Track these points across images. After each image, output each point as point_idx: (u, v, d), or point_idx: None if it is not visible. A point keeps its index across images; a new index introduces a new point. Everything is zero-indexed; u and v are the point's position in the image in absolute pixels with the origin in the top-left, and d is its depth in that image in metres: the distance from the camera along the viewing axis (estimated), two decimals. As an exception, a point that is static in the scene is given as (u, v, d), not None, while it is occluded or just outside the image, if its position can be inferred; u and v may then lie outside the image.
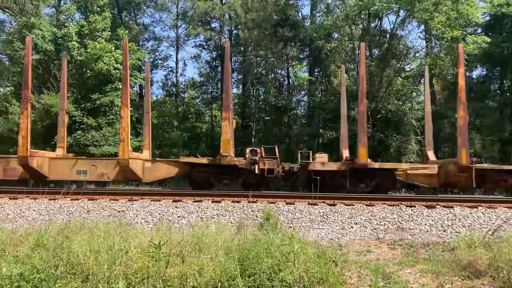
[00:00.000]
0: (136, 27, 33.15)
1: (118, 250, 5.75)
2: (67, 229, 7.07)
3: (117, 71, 23.91)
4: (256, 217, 9.70)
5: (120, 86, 21.72)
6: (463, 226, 9.34)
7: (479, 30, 26.98)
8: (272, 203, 10.82)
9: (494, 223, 9.32)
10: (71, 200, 11.23)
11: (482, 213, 10.08)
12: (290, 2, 29.10)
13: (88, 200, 11.19)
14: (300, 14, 30.29)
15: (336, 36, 27.80)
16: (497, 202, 11.23)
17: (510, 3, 24.51)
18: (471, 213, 10.06)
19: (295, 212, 10.08)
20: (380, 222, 9.53)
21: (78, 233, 6.58)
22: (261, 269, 5.07)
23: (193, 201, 10.97)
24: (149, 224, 9.47)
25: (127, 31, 27.40)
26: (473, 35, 24.64)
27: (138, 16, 35.48)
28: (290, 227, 9.18)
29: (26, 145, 13.54)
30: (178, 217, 9.90)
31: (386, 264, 6.61)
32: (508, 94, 26.56)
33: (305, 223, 9.51)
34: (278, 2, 27.94)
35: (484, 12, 26.53)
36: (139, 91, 31.31)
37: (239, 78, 32.67)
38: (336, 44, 26.97)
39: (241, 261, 5.42)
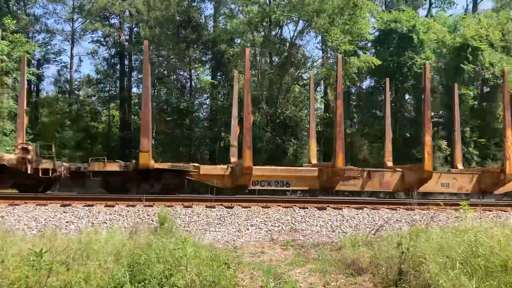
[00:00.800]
0: (26, 17, 30.59)
1: (-8, 260, 5.24)
2: None
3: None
4: (152, 221, 9.44)
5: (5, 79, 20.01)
6: (350, 227, 9.97)
7: (369, 44, 29.19)
8: (169, 206, 10.61)
9: (377, 223, 10.06)
10: None
11: (367, 214, 10.85)
12: (193, 4, 28.93)
13: (-39, 204, 10.06)
14: (203, 17, 30.28)
15: (238, 42, 28.23)
16: (380, 204, 12.16)
17: (398, 20, 26.75)
18: (357, 214, 10.78)
19: (193, 215, 10.00)
20: (275, 223, 9.82)
21: None
22: (151, 275, 4.93)
23: (84, 206, 10.37)
24: (33, 230, 8.76)
25: (14, 21, 25.18)
26: (365, 54, 26.58)
27: (28, 6, 32.74)
28: (187, 230, 9.07)
29: None
30: (66, 222, 9.30)
31: (278, 264, 6.81)
32: (393, 104, 28.95)
33: (202, 226, 9.47)
34: (181, 3, 27.64)
35: (374, 27, 28.75)
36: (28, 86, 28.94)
37: (139, 77, 31.73)
38: (238, 49, 27.38)
39: (131, 266, 5.23)
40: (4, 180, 13.33)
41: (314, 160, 17.73)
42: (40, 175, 13.29)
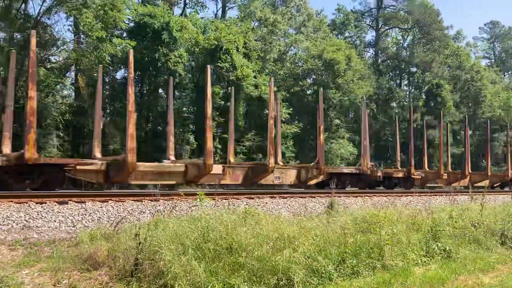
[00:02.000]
0: None
1: None
2: None
3: None
4: None
5: None
6: (93, 220, 9.61)
7: (125, 34, 28.75)
8: None
9: (121, 215, 9.98)
10: None
11: (112, 206, 10.66)
12: None
13: None
14: None
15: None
16: (125, 196, 12.12)
17: (152, 15, 27.10)
18: (101, 207, 10.48)
19: None
20: (3, 221, 8.69)
21: None
22: None
23: None
24: None
25: None
26: (119, 38, 26.05)
27: None
28: None
29: None
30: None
31: (3, 267, 6.03)
32: (146, 97, 29.31)
33: None
34: None
35: (129, 19, 28.45)
36: None
37: None
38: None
39: None
40: None
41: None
42: None
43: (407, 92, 55.39)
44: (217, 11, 41.55)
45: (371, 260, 7.08)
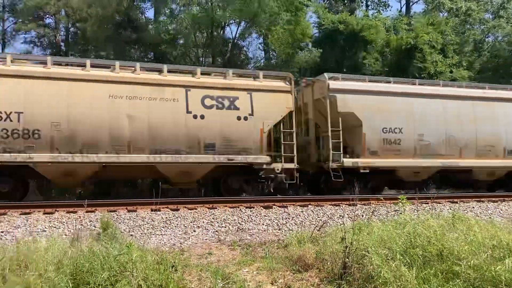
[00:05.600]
0: None
1: None
2: None
3: None
4: (94, 227, 9.14)
5: None
6: (296, 224, 10.15)
7: (310, 45, 29.77)
8: (112, 211, 10.32)
9: (321, 220, 10.32)
10: None
11: (312, 211, 11.10)
12: (133, 4, 28.26)
13: None
14: (144, 17, 29.67)
15: (181, 42, 27.89)
16: (323, 200, 12.46)
17: (343, 21, 27.32)
18: (302, 211, 11.00)
19: (137, 220, 9.78)
20: (221, 224, 9.82)
21: None
22: (96, 282, 4.79)
23: (20, 214, 9.86)
24: (-36, 242, 8.21)
25: None
26: (305, 49, 27.13)
27: (-50, 3, 30.62)
28: (131, 235, 8.86)
29: None
30: (1, 232, 8.79)
31: (226, 265, 6.82)
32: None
33: (147, 230, 9.29)
34: (121, 3, 26.93)
35: (318, 27, 29.31)
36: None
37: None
38: (181, 50, 27.05)
39: (74, 275, 5.05)
40: None
41: None
42: None
43: None
44: (401, 7, 39.68)
45: None
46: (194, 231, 9.38)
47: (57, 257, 5.65)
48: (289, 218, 10.46)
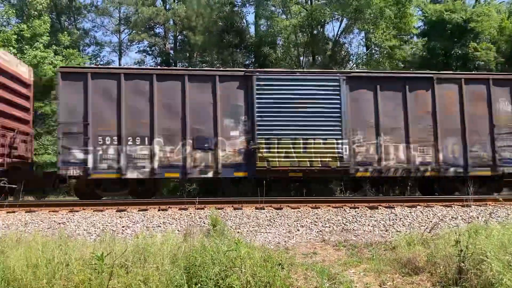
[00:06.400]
0: (77, 31, 32.07)
1: (58, 264, 5.51)
2: (2, 244, 6.68)
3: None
4: (204, 223, 9.62)
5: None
6: (404, 225, 9.73)
7: (415, 38, 28.39)
8: (219, 209, 10.77)
9: (431, 221, 9.77)
10: (7, 213, 10.62)
11: (421, 212, 10.54)
12: (235, 9, 29.25)
13: (25, 212, 10.63)
14: (245, 21, 30.55)
15: (281, 43, 28.25)
16: (433, 201, 11.78)
17: (451, 10, 25.71)
18: (410, 212, 10.50)
19: (243, 217, 10.09)
20: (325, 224, 9.74)
21: (14, 248, 6.24)
22: (207, 276, 5.03)
23: (138, 210, 10.72)
24: (92, 235, 9.14)
25: (68, 37, 26.44)
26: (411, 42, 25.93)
27: (78, 21, 34.35)
28: (238, 232, 9.18)
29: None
30: (123, 227, 9.63)
31: (332, 265, 6.76)
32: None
33: (252, 227, 9.55)
34: (223, 9, 28.04)
35: (422, 19, 27.89)
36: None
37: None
38: (282, 51, 27.40)
39: (188, 269, 5.35)
40: None
41: None
42: None
43: None
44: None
45: None
46: (298, 230, 9.44)
47: (171, 251, 6.05)
48: (396, 219, 10.05)
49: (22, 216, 10.33)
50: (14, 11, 25.03)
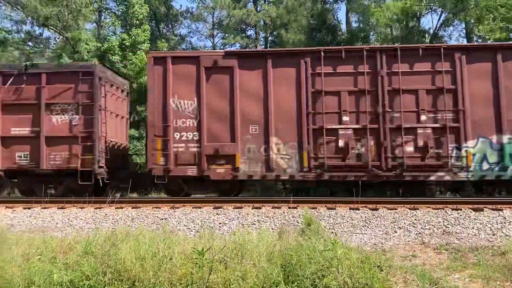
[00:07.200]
0: (174, 37, 33.89)
1: (163, 257, 5.87)
2: (113, 237, 7.27)
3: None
4: (297, 222, 9.65)
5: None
6: (511, 229, 8.95)
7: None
8: (313, 208, 10.74)
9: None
10: (115, 208, 11.55)
11: None
12: (326, 6, 28.98)
13: (132, 208, 11.47)
14: (336, 17, 30.13)
15: (373, 39, 27.43)
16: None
17: None
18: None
19: (337, 217, 9.96)
20: (425, 226, 9.28)
21: (124, 241, 6.75)
22: (304, 275, 5.05)
23: (234, 208, 11.05)
24: (191, 231, 9.61)
25: (166, 44, 28.04)
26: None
27: (175, 27, 36.31)
28: (332, 232, 9.08)
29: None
30: (219, 223, 9.99)
31: (433, 269, 6.44)
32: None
33: (347, 228, 9.39)
34: (315, 7, 27.89)
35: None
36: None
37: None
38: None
39: (284, 267, 5.42)
40: None
41: None
42: None
43: None
44: None
45: None
46: (396, 231, 9.10)
47: (267, 249, 6.15)
48: (505, 223, 9.27)
49: (129, 211, 11.16)
50: (119, 22, 27.10)
